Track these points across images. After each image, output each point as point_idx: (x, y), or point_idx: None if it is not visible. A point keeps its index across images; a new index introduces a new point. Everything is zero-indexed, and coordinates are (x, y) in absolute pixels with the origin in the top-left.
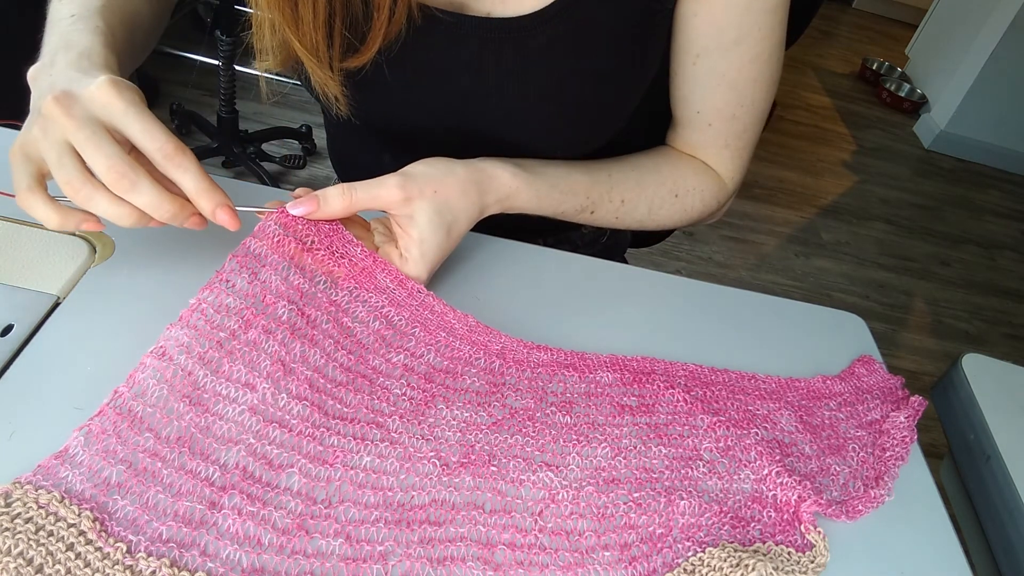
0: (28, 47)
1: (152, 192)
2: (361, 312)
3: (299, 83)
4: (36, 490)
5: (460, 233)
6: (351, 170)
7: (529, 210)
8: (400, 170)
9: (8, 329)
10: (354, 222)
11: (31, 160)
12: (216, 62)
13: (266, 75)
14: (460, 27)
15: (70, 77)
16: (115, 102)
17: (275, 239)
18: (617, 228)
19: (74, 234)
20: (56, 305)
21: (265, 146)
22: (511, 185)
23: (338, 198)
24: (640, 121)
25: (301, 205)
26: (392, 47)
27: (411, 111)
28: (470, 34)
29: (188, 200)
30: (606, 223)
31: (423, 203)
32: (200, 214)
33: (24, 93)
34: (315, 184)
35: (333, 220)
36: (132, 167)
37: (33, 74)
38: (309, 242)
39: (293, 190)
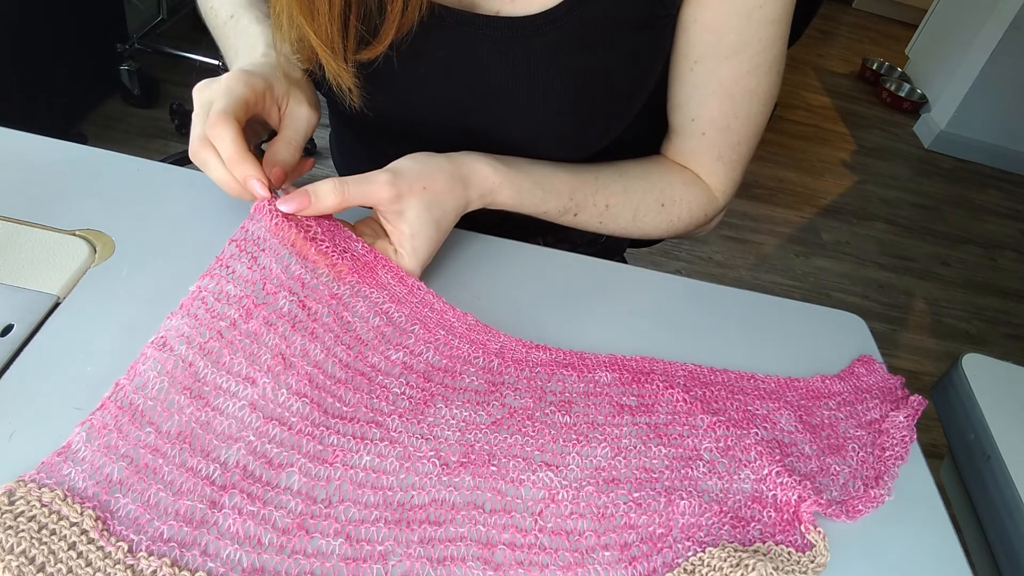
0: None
1: (219, 171)
2: (361, 307)
3: None
4: (39, 488)
5: (448, 227)
6: (357, 171)
7: (511, 206)
8: (387, 167)
9: (8, 329)
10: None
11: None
12: (216, 62)
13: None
14: (469, 25)
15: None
16: (223, 88)
17: (273, 221)
18: (601, 233)
19: (74, 234)
20: (56, 305)
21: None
22: (493, 180)
23: (331, 194)
24: (639, 128)
25: (292, 201)
26: (404, 41)
27: (421, 108)
28: (479, 32)
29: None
30: (590, 227)
31: (413, 199)
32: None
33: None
34: None
35: (330, 216)
36: (203, 145)
37: None
38: (313, 233)
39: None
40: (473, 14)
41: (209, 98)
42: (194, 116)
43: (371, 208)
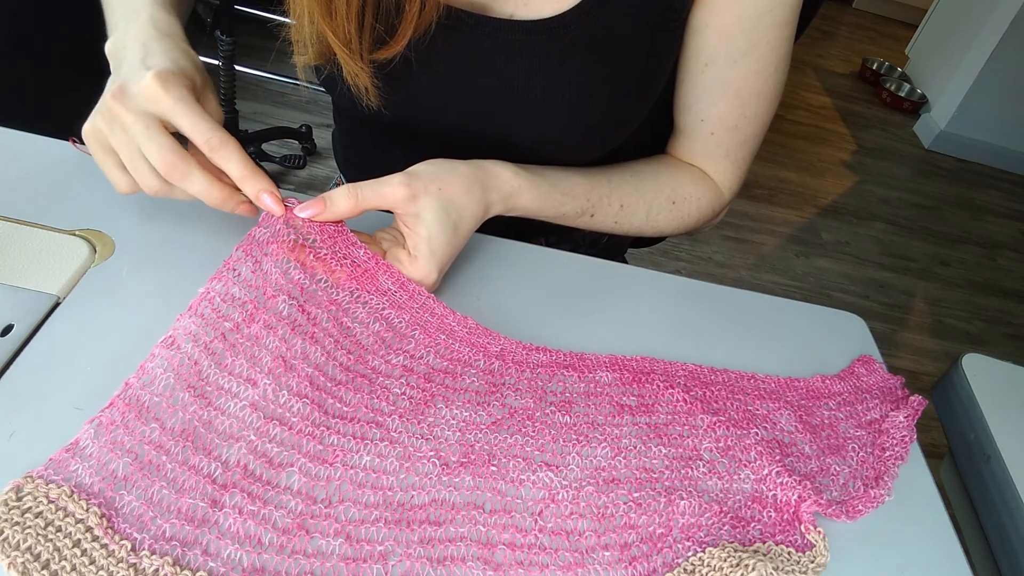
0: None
1: (202, 180)
2: (361, 313)
3: (298, 83)
4: (47, 484)
5: (467, 231)
6: (361, 171)
7: (531, 211)
8: (404, 170)
9: (8, 329)
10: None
11: (111, 152)
12: (216, 62)
13: (272, 77)
14: (482, 28)
15: (136, 56)
16: (163, 98)
17: (277, 228)
18: (616, 233)
19: (74, 234)
20: (56, 305)
21: (265, 146)
22: (513, 184)
23: (344, 199)
24: (645, 129)
25: (309, 208)
26: (422, 42)
27: (435, 109)
28: (492, 36)
29: (237, 188)
30: (605, 227)
31: (429, 200)
32: (249, 202)
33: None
34: (315, 184)
35: (339, 222)
36: (182, 158)
37: (110, 49)
38: (312, 241)
39: (294, 190)
40: (487, 17)
41: (147, 107)
42: (145, 130)
43: (390, 212)
